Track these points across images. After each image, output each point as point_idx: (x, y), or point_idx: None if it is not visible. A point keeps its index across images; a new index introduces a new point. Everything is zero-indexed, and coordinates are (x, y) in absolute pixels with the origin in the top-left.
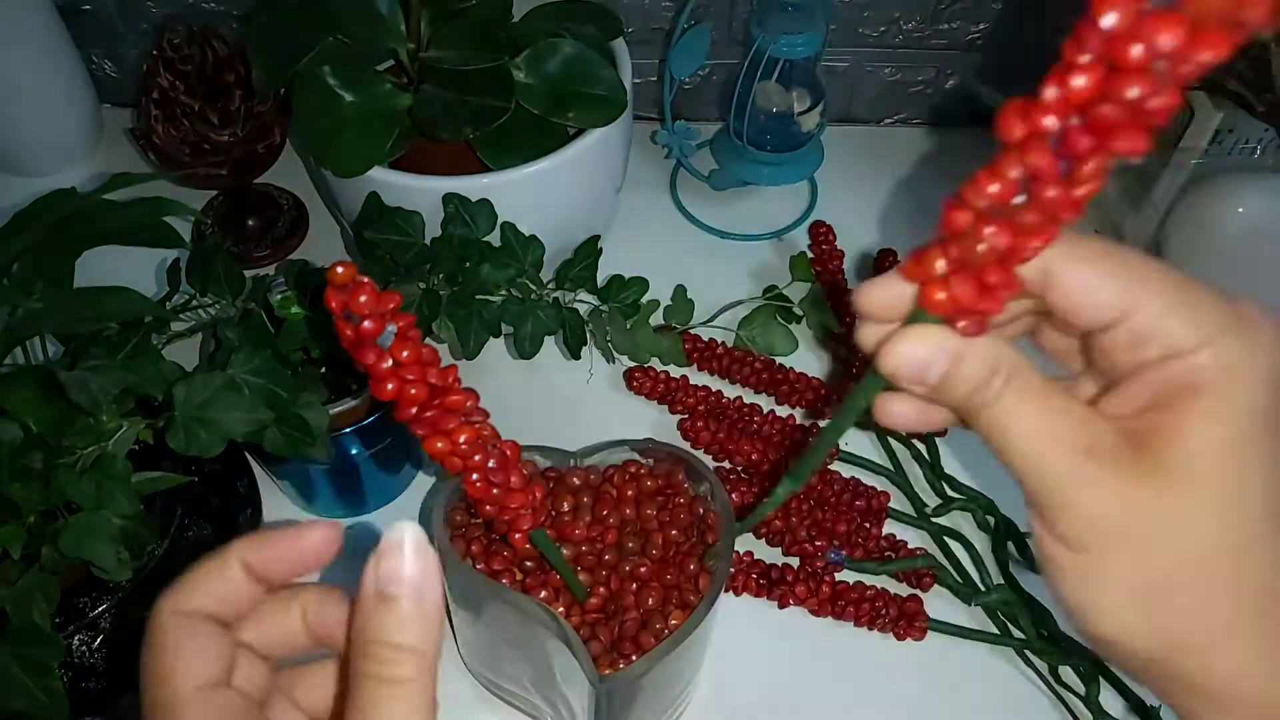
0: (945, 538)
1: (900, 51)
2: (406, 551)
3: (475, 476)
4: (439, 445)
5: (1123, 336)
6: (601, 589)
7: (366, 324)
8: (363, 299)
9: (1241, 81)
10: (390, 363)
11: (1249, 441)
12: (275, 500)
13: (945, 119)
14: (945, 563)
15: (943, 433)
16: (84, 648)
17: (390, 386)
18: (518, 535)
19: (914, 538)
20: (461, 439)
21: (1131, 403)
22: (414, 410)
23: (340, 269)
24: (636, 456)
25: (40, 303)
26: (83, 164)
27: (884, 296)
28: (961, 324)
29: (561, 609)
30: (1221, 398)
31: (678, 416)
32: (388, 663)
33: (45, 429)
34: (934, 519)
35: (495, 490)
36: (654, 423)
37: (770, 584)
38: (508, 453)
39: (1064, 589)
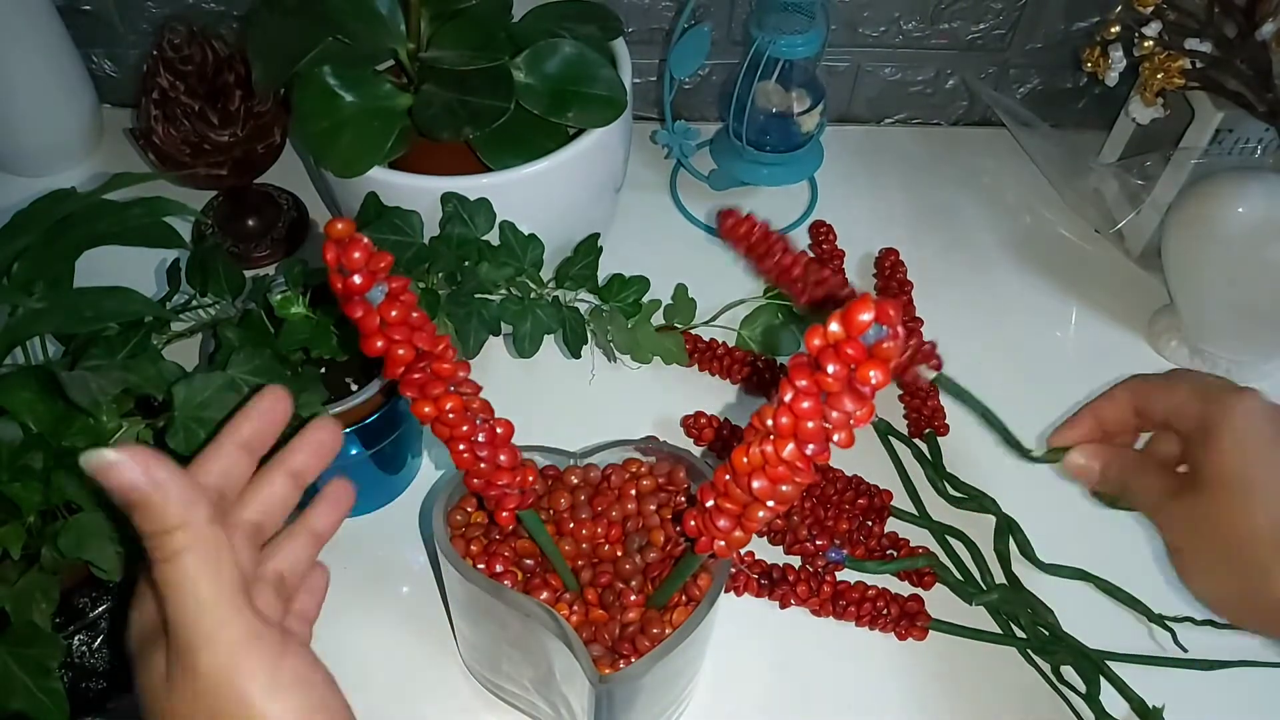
0: (947, 536)
1: (900, 51)
2: (119, 463)
3: (462, 447)
4: (426, 409)
5: (1176, 421)
6: (602, 588)
7: (356, 279)
8: (356, 255)
9: (1241, 81)
10: (379, 321)
11: (1249, 458)
12: None
13: (945, 119)
14: (947, 562)
15: (944, 431)
16: (84, 648)
17: (379, 344)
18: (504, 513)
19: (916, 536)
20: (448, 406)
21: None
22: (401, 370)
23: (340, 224)
24: (637, 455)
25: (40, 303)
26: (83, 164)
27: None
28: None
29: (562, 610)
30: (1223, 434)
31: (680, 414)
32: (163, 549)
33: (45, 429)
34: (936, 519)
35: (482, 465)
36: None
37: (771, 584)
38: (499, 430)
39: (1181, 577)
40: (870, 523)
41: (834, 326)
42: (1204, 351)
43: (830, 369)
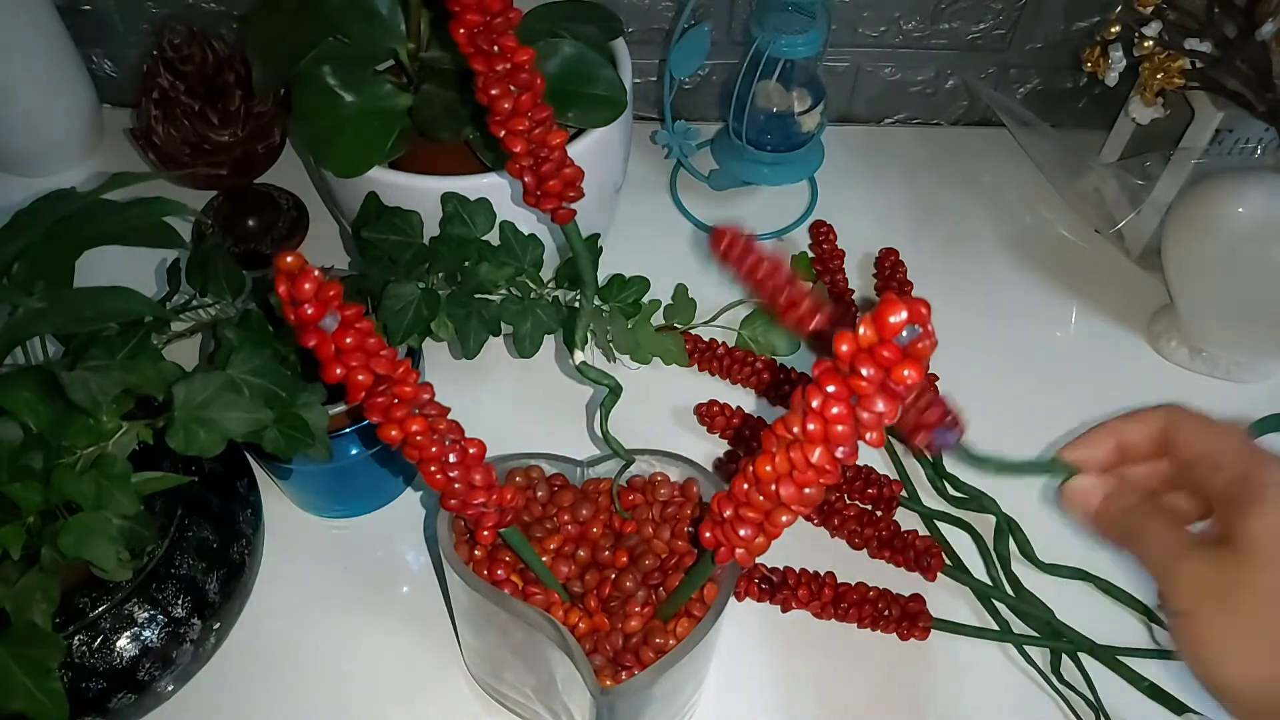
0: (938, 522)
1: (900, 51)
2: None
3: (433, 468)
4: (392, 433)
5: (1206, 468)
6: (605, 597)
7: (308, 309)
8: (306, 286)
9: (1241, 81)
10: (334, 349)
11: None
12: (275, 500)
13: (945, 119)
14: (947, 560)
15: None
16: (84, 648)
17: (337, 371)
18: (484, 532)
19: (923, 530)
20: (413, 429)
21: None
22: (362, 395)
23: (289, 258)
24: (650, 466)
25: (40, 303)
26: (83, 164)
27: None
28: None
29: (561, 614)
30: (1267, 500)
31: (693, 402)
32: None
33: (45, 429)
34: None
35: (456, 485)
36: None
37: (772, 588)
38: (471, 450)
39: (1184, 651)
40: (879, 512)
41: (864, 331)
42: (1204, 351)
43: (866, 373)
